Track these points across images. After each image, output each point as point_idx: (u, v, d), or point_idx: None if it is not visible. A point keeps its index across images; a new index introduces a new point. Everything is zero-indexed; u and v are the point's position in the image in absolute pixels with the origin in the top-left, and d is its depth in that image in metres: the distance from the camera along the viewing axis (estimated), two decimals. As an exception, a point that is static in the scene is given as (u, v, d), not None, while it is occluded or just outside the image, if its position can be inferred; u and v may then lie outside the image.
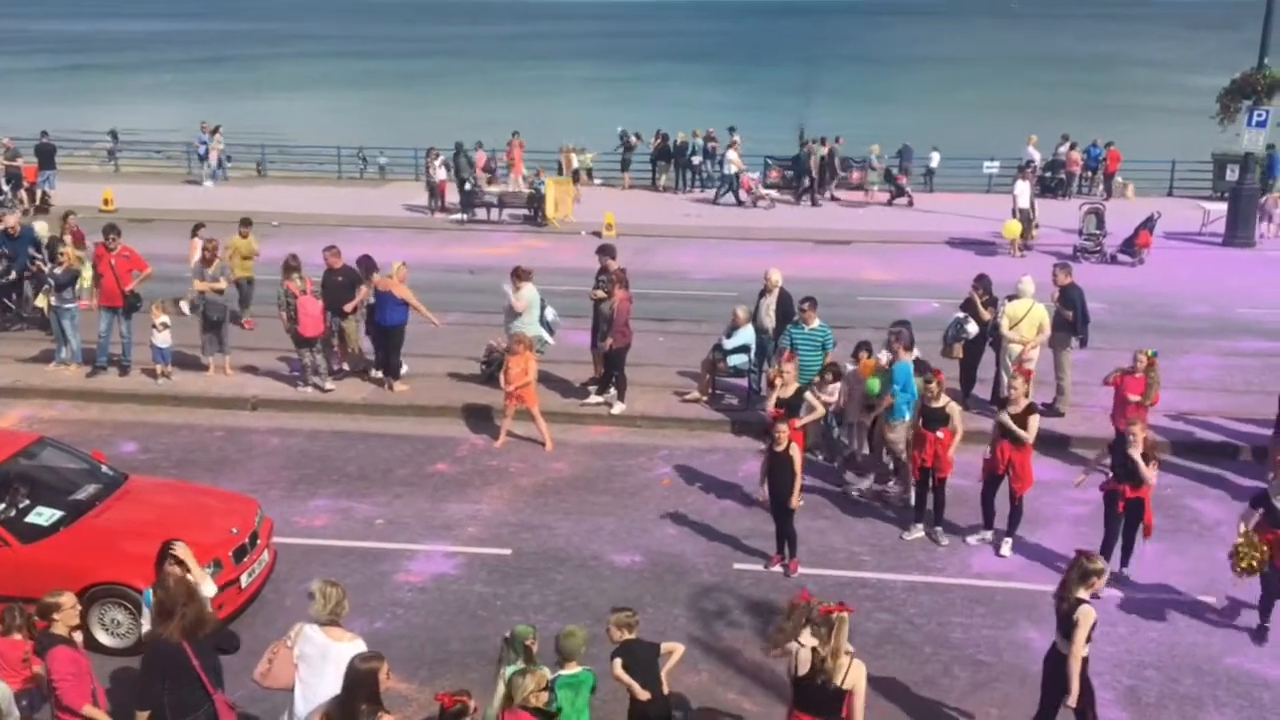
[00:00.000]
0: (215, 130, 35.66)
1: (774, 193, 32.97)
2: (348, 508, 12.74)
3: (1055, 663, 8.19)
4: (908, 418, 12.41)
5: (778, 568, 11.27)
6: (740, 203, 32.25)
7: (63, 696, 7.33)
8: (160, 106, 63.43)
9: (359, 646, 7.08)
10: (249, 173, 38.37)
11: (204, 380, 16.48)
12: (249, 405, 15.80)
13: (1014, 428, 11.40)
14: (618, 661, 7.75)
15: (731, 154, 32.39)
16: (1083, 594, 7.94)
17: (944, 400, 11.77)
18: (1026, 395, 11.72)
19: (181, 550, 7.84)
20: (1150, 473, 10.73)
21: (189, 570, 7.79)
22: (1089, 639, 7.96)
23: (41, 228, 19.69)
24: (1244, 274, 24.11)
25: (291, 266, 15.65)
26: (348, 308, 16.06)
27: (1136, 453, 10.66)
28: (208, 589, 7.90)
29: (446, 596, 10.87)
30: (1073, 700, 7.96)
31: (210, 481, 12.87)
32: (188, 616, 7.17)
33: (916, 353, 13.27)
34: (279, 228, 26.98)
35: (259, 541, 10.56)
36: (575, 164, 32.96)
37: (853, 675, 7.09)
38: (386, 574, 11.27)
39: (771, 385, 12.74)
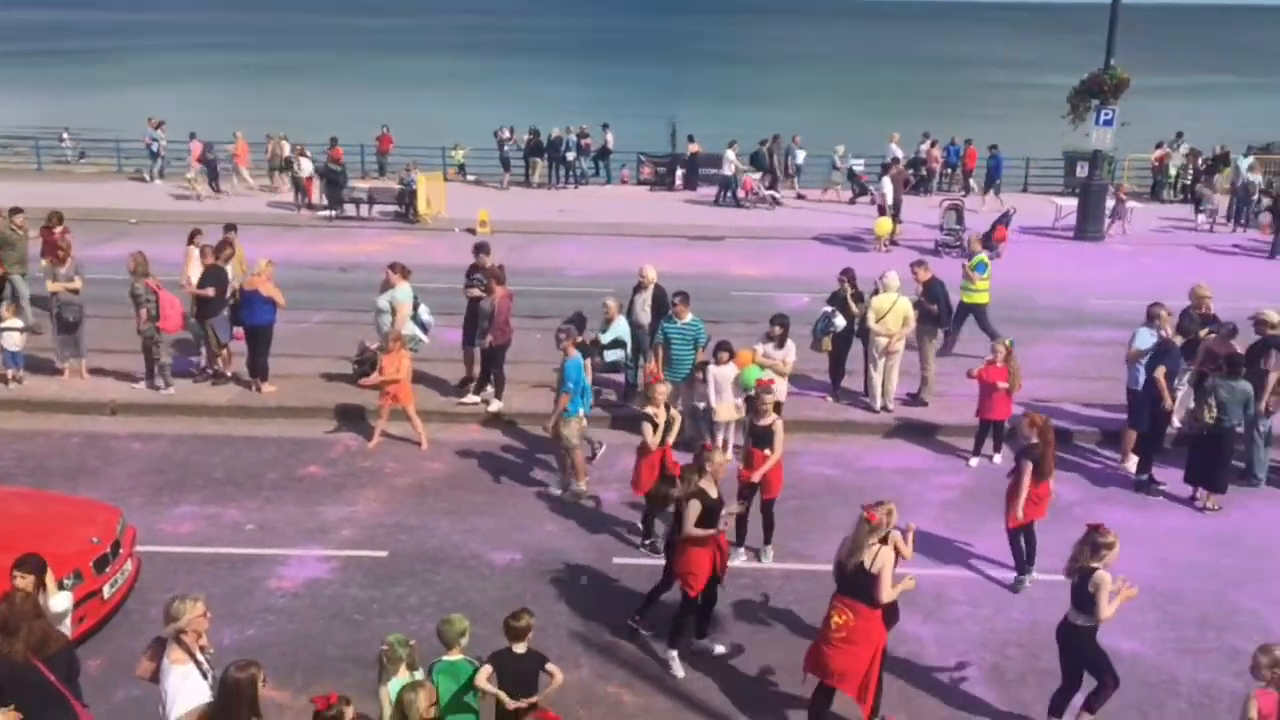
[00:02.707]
0: (160, 125, 34.22)
1: (774, 193, 32.84)
2: (215, 514, 12.37)
3: (1068, 634, 8.64)
4: (581, 412, 12.59)
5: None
6: (739, 204, 32.16)
7: None
8: (3, 99, 60.47)
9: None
10: (106, 168, 36.93)
11: (59, 384, 15.80)
12: (108, 410, 15.21)
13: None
14: (486, 669, 7.56)
15: (730, 154, 32.37)
16: (1096, 565, 8.36)
17: (771, 418, 11.27)
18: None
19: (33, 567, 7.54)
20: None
21: (42, 585, 7.49)
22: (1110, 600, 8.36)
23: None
24: (1094, 266, 25.28)
25: (142, 263, 15.22)
26: (143, 323, 15.36)
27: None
28: (59, 604, 7.59)
29: (321, 601, 10.65)
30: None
31: (68, 490, 12.37)
32: (34, 634, 6.89)
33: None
34: (137, 225, 26.03)
35: (121, 551, 10.18)
36: (287, 151, 32.51)
37: (880, 559, 8.22)
38: (258, 580, 10.98)
39: (649, 382, 12.80)
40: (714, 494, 9.44)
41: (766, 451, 11.19)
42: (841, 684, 8.48)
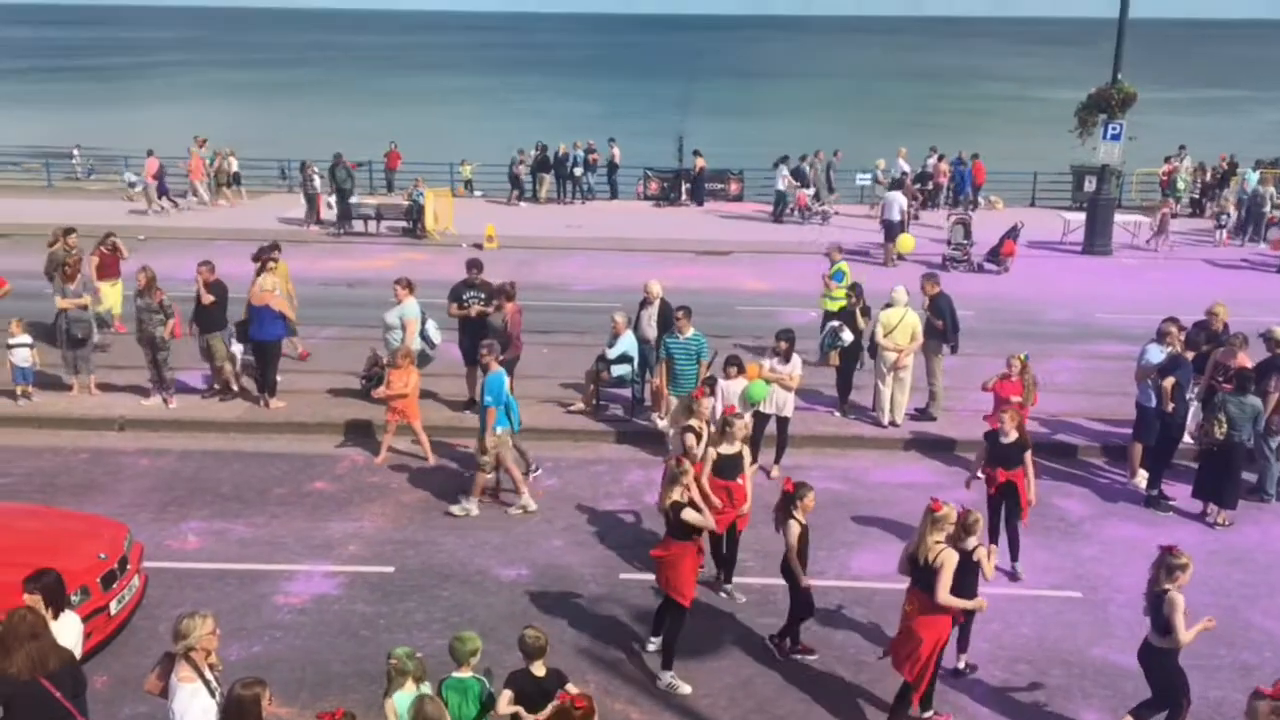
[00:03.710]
0: (204, 143, 34.61)
1: (829, 208, 32.62)
2: (222, 529, 12.38)
3: (1148, 655, 8.65)
4: (508, 426, 12.55)
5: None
6: (794, 218, 32.03)
7: None
8: (15, 116, 60.83)
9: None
10: (116, 184, 37.11)
11: (67, 400, 15.84)
12: (116, 425, 15.24)
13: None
14: (507, 694, 7.49)
15: (782, 170, 32.31)
16: (1169, 586, 8.36)
17: (738, 446, 10.79)
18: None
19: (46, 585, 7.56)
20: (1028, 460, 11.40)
21: (55, 603, 7.50)
22: (1186, 624, 8.35)
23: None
24: (1102, 281, 25.23)
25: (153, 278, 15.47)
26: (166, 334, 15.54)
27: (1008, 438, 11.33)
28: (68, 632, 7.59)
29: (327, 617, 10.63)
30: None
31: (76, 506, 12.37)
32: (32, 653, 6.89)
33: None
34: (145, 241, 26.13)
35: (129, 567, 10.18)
36: (234, 167, 33.23)
37: (942, 558, 8.55)
38: (264, 596, 10.97)
39: (656, 395, 12.80)
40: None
41: (739, 480, 10.79)
42: (898, 667, 8.89)
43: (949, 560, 8.58)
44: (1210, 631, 8.62)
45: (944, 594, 8.59)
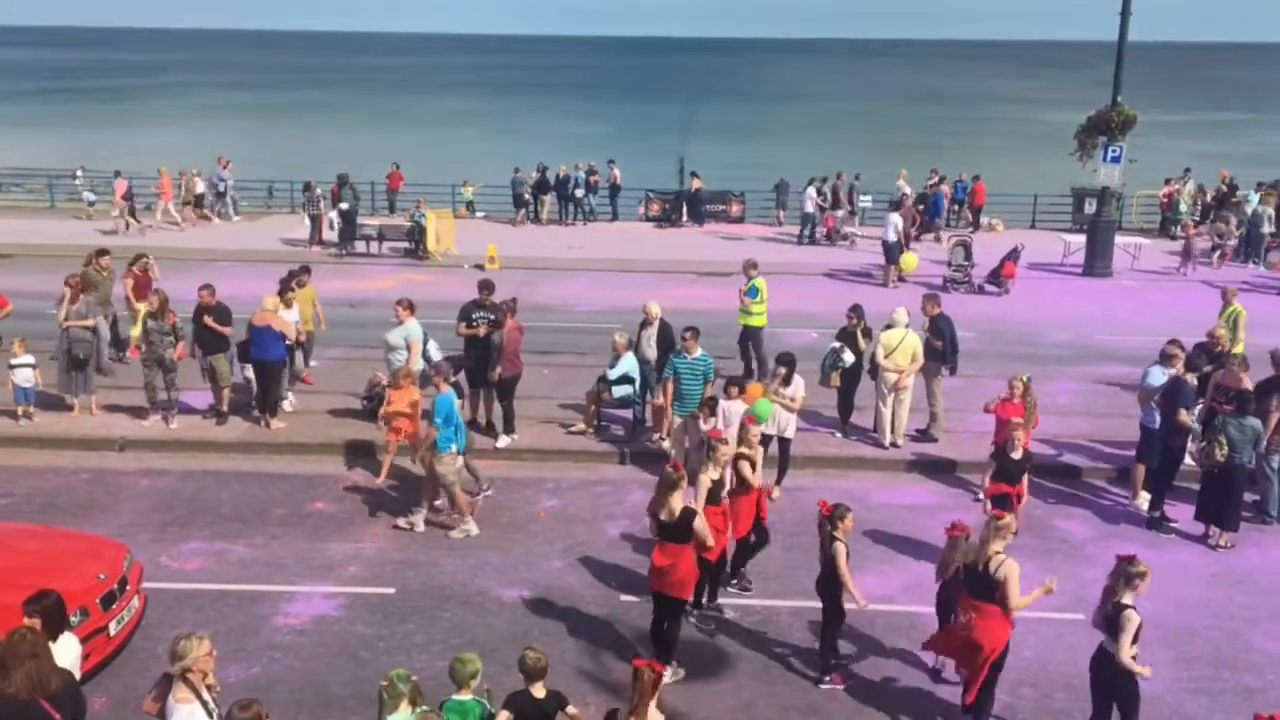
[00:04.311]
0: (228, 164, 34.90)
1: (857, 231, 32.60)
2: (222, 550, 12.35)
3: (1101, 662, 8.64)
4: (454, 449, 12.51)
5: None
6: (818, 241, 32.04)
7: None
8: (17, 137, 61.07)
9: None
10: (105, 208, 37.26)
11: (68, 421, 15.84)
12: (117, 446, 15.23)
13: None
14: (505, 714, 7.45)
15: (810, 191, 32.33)
16: (1128, 598, 8.42)
17: (721, 472, 10.71)
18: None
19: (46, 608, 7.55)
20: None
21: (55, 626, 7.49)
22: (1134, 640, 8.39)
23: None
24: (1103, 302, 25.25)
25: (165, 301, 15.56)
26: (177, 356, 15.65)
27: (1017, 454, 11.82)
28: (67, 654, 7.56)
29: (327, 638, 10.60)
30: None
31: (76, 526, 12.36)
32: (31, 673, 6.86)
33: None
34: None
35: (128, 587, 10.15)
36: (200, 188, 33.68)
37: (1005, 569, 8.81)
38: (264, 617, 10.94)
39: (657, 416, 12.80)
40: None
41: (724, 504, 10.72)
42: (956, 659, 9.38)
43: (1013, 569, 8.87)
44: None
45: (1017, 600, 8.87)
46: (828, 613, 9.92)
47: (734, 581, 11.59)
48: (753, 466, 11.18)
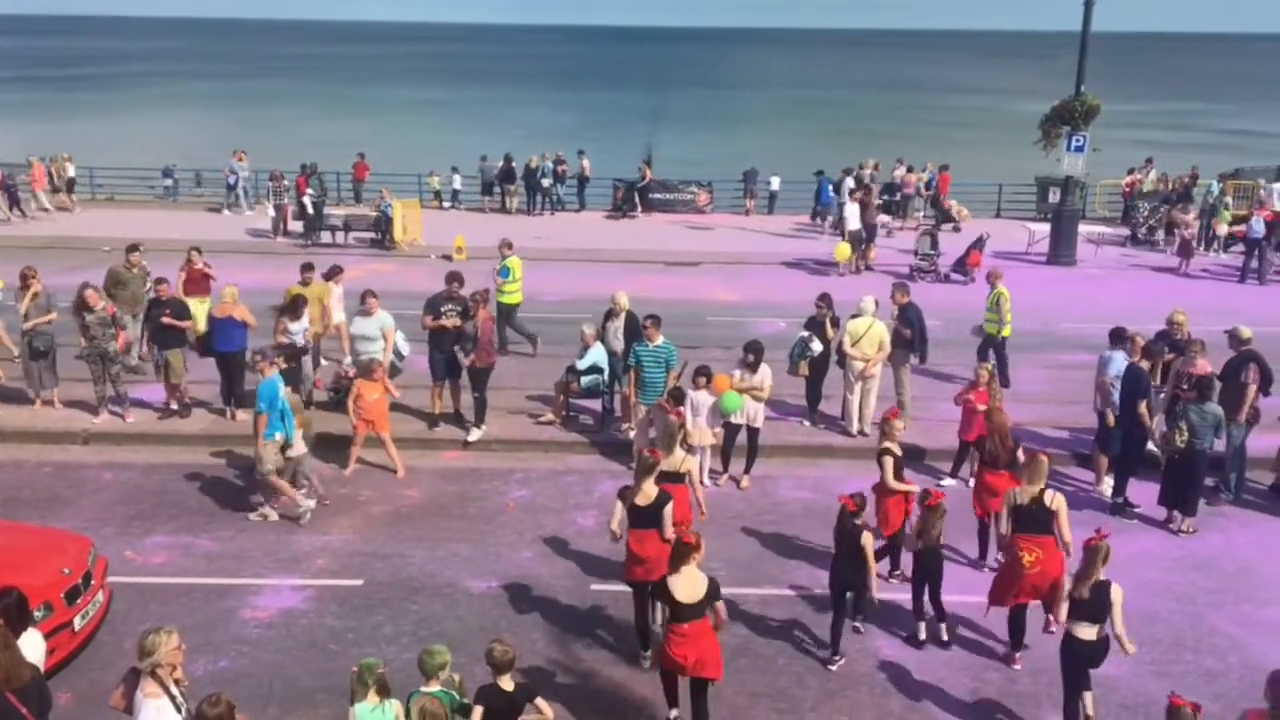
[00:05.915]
0: (243, 157, 34.53)
1: (893, 221, 32.20)
2: (188, 543, 12.25)
3: (1071, 648, 8.77)
4: (278, 436, 12.46)
5: None
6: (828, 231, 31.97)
7: None
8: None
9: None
10: (88, 196, 36.79)
11: (30, 414, 15.64)
12: (80, 439, 15.06)
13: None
14: (478, 710, 7.43)
15: (849, 182, 31.81)
16: (1103, 575, 8.66)
17: (683, 463, 10.83)
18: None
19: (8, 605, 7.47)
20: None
21: (17, 621, 7.41)
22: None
23: None
24: (1067, 291, 25.48)
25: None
26: (121, 346, 15.54)
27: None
28: (32, 650, 7.49)
29: (295, 631, 10.54)
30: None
31: (39, 520, 12.23)
32: (3, 663, 6.79)
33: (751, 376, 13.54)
34: (110, 253, 25.82)
35: (93, 582, 10.05)
36: (70, 172, 33.70)
37: (1057, 501, 9.81)
38: (231, 610, 10.86)
39: (625, 406, 12.80)
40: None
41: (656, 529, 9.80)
42: (1039, 596, 9.83)
43: (1062, 500, 9.88)
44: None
45: (1068, 529, 9.79)
46: (858, 599, 10.36)
47: (896, 572, 11.67)
48: (896, 465, 11.39)
